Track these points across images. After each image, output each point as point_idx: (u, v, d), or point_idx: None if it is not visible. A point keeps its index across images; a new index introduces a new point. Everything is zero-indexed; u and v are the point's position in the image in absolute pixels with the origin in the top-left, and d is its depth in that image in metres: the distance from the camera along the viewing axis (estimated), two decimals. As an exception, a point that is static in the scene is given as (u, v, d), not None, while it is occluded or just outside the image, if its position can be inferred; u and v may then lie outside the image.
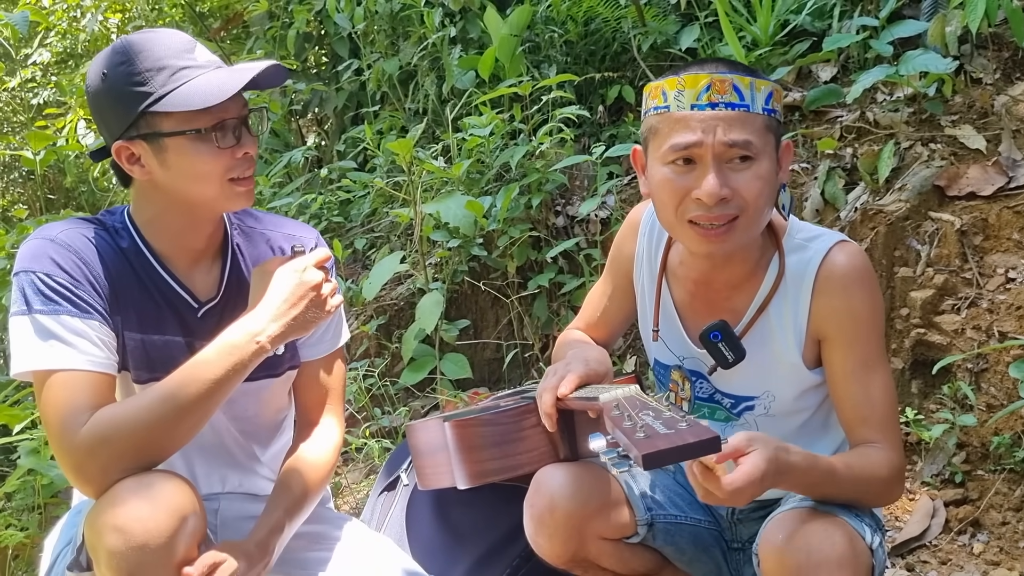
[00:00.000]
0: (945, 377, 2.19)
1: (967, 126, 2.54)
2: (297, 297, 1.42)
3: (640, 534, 1.56)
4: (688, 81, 1.34)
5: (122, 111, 1.39)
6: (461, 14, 3.91)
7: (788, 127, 2.84)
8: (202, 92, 1.35)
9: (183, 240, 1.50)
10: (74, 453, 1.29)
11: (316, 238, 1.65)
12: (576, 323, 1.80)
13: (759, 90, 1.34)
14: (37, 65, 6.27)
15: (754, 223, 1.38)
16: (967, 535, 2.00)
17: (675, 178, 1.36)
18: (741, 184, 1.33)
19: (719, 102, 1.32)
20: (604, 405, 1.20)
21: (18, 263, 1.40)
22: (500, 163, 3.23)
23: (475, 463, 1.60)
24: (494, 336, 3.24)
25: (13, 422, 2.48)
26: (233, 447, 1.62)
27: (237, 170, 1.42)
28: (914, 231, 2.41)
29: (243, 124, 1.43)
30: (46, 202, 5.96)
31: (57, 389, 1.32)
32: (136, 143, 1.40)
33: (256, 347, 1.38)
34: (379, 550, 1.66)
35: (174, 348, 1.48)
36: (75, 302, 1.37)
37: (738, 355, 1.47)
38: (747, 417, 1.54)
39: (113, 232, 1.47)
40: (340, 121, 4.68)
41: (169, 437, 1.33)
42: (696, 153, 1.34)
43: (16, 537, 2.47)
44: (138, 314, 1.46)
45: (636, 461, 0.99)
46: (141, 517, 1.24)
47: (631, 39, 3.36)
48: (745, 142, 1.33)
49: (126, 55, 1.38)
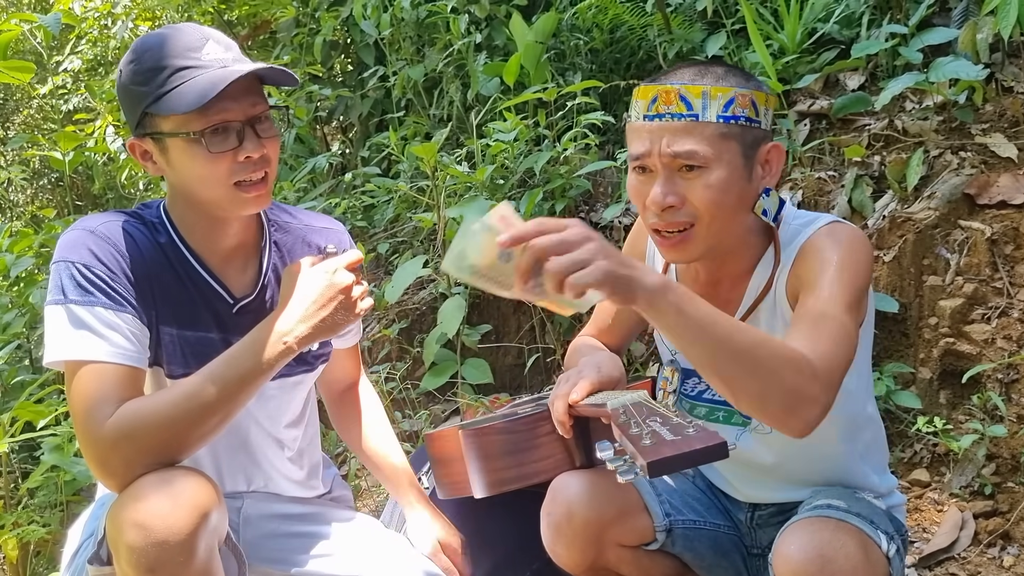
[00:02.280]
0: (975, 387, 2.16)
1: (998, 134, 2.50)
2: (327, 299, 1.41)
3: (659, 540, 1.54)
4: (640, 92, 1.38)
5: (130, 109, 1.41)
6: (487, 21, 3.92)
7: (815, 135, 2.81)
8: (190, 95, 1.33)
9: (213, 237, 1.50)
10: (98, 445, 1.30)
11: (345, 233, 1.67)
12: (588, 329, 1.78)
13: (714, 98, 1.33)
14: (68, 72, 6.36)
15: (713, 230, 1.36)
16: (997, 548, 1.96)
17: (637, 186, 1.39)
18: (690, 192, 1.33)
19: (665, 112, 1.34)
20: (612, 412, 1.18)
21: (57, 252, 1.40)
22: (524, 168, 3.22)
23: (491, 472, 1.58)
24: (516, 341, 3.23)
25: (37, 419, 2.50)
26: (261, 445, 1.62)
27: (241, 174, 1.39)
28: (943, 239, 2.37)
29: (251, 126, 1.39)
30: (74, 208, 6.03)
31: (86, 380, 1.33)
32: (145, 141, 1.41)
33: (284, 347, 1.38)
34: (399, 550, 1.65)
35: (208, 344, 1.48)
36: (110, 294, 1.37)
37: None
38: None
39: (151, 226, 1.47)
40: (365, 128, 4.70)
41: (194, 434, 1.33)
42: (647, 163, 1.36)
43: (38, 533, 2.49)
44: (174, 309, 1.46)
45: (642, 470, 0.96)
46: (162, 513, 1.23)
47: (657, 47, 3.35)
48: (688, 153, 1.32)
49: (135, 53, 1.39)
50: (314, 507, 1.71)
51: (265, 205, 1.46)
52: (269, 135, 1.41)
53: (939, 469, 2.17)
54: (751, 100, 1.35)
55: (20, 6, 7.41)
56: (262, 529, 1.62)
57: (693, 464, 0.98)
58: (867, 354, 1.51)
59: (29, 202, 7.62)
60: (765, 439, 1.49)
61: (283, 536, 1.64)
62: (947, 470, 2.16)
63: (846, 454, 1.48)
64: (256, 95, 1.41)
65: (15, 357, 3.42)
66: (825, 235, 1.39)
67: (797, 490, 1.51)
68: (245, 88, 1.37)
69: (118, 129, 5.14)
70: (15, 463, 2.97)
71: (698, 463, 0.98)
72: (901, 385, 2.28)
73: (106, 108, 5.28)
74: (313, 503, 1.73)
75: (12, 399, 3.01)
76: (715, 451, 0.97)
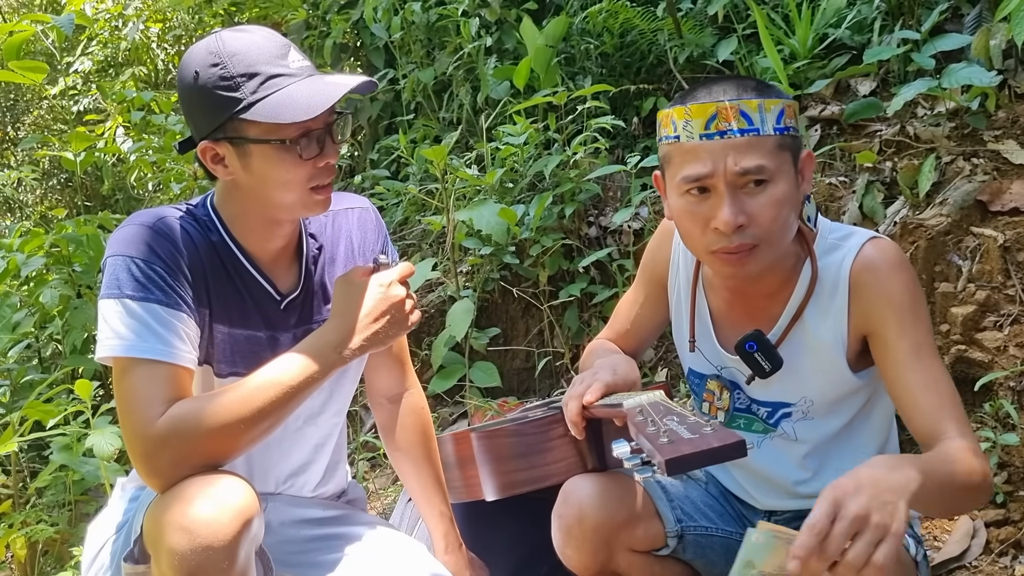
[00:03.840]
0: (987, 395, 2.14)
1: (1011, 141, 2.49)
2: (380, 312, 1.42)
3: (670, 546, 1.53)
4: (695, 111, 1.33)
5: (211, 113, 1.38)
6: (497, 25, 3.93)
7: (826, 140, 2.80)
8: (292, 105, 1.34)
9: (264, 238, 1.50)
10: (147, 444, 1.29)
11: (371, 207, 1.69)
12: (605, 333, 1.78)
13: (768, 111, 1.32)
14: (79, 73, 6.39)
15: (775, 246, 1.37)
16: (1008, 557, 1.95)
17: (692, 208, 1.36)
18: (757, 209, 1.32)
19: (727, 130, 1.31)
20: (628, 411, 1.18)
21: (113, 246, 1.40)
22: (534, 172, 3.23)
23: (503, 474, 1.58)
24: (524, 345, 3.23)
25: (46, 418, 2.51)
26: (297, 444, 1.62)
27: (318, 179, 1.42)
28: (955, 246, 2.36)
29: (328, 133, 1.42)
30: (84, 208, 6.05)
31: (137, 378, 1.33)
32: (222, 144, 1.40)
33: (337, 358, 1.39)
34: (410, 552, 1.65)
35: (256, 343, 1.49)
36: (168, 292, 1.37)
37: (775, 364, 1.45)
38: (784, 425, 1.51)
39: (203, 225, 1.48)
40: (374, 130, 4.71)
41: (242, 438, 1.33)
42: (709, 183, 1.33)
43: (46, 532, 2.49)
44: (226, 308, 1.47)
45: (660, 467, 0.97)
46: (208, 519, 1.22)
47: (667, 51, 3.35)
48: (758, 168, 1.31)
49: (219, 57, 1.37)
50: (334, 511, 1.71)
51: (329, 206, 1.48)
52: (340, 141, 1.46)
53: (950, 477, 2.15)
54: (793, 111, 1.37)
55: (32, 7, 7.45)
56: (283, 535, 1.62)
57: (711, 462, 0.98)
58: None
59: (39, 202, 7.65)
60: (788, 447, 1.50)
61: (303, 541, 1.64)
62: (958, 478, 2.15)
63: (868, 452, 1.48)
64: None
65: (25, 357, 3.42)
66: (878, 263, 1.39)
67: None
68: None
69: (128, 130, 5.16)
70: (24, 463, 2.98)
71: (716, 461, 0.98)
72: (912, 392, 2.27)
73: (116, 109, 5.30)
74: (333, 506, 1.73)
75: (22, 398, 3.01)
76: (733, 449, 0.97)
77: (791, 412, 1.49)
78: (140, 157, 4.67)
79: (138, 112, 4.67)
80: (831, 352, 1.43)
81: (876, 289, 1.38)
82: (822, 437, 1.42)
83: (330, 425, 1.67)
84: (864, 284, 1.39)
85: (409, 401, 1.78)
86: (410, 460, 1.77)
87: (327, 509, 1.71)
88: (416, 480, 1.78)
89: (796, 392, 1.48)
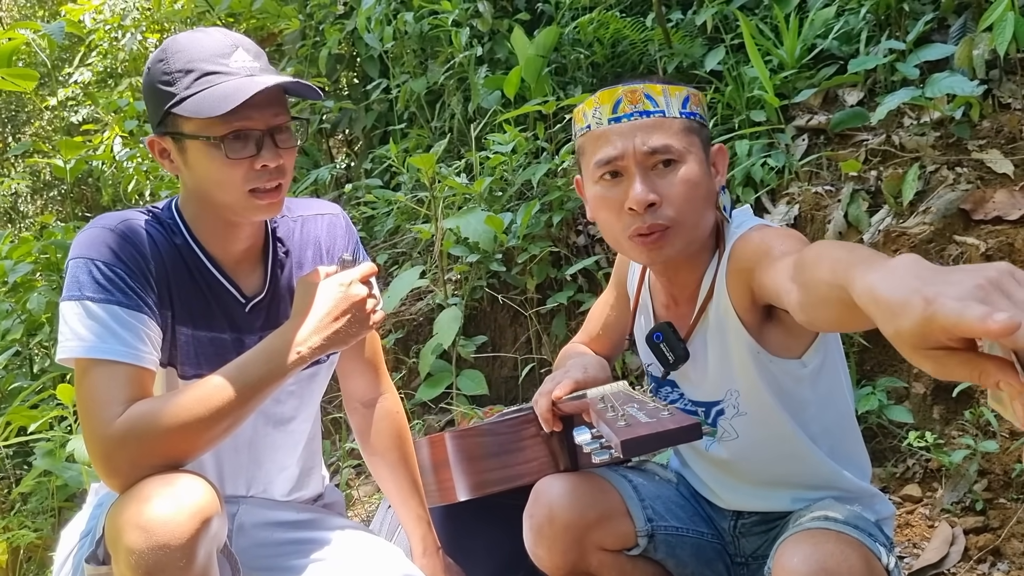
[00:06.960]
0: (967, 402, 2.14)
1: (994, 150, 2.50)
2: (340, 311, 1.42)
3: (641, 545, 1.53)
4: (602, 97, 1.39)
5: (153, 106, 1.42)
6: (489, 35, 3.95)
7: (813, 149, 2.81)
8: (214, 100, 1.34)
9: (225, 239, 1.50)
10: (105, 443, 1.29)
11: (342, 213, 1.69)
12: (579, 337, 1.79)
13: (673, 95, 1.38)
14: (77, 84, 6.42)
15: (688, 228, 1.37)
16: (987, 564, 1.94)
17: (606, 193, 1.39)
18: (667, 188, 1.35)
19: (633, 111, 1.36)
20: (591, 400, 1.21)
21: (75, 249, 1.40)
22: (522, 180, 3.24)
23: (475, 473, 1.59)
24: (512, 353, 3.23)
25: (30, 423, 2.51)
26: (267, 449, 1.61)
27: (255, 181, 1.40)
28: (938, 254, 2.36)
29: (270, 136, 1.40)
30: (84, 219, 6.07)
31: (97, 379, 1.32)
32: (165, 139, 1.43)
33: (296, 357, 1.38)
34: (384, 556, 1.64)
35: (221, 345, 1.49)
36: (128, 294, 1.37)
37: (678, 355, 1.47)
38: (722, 424, 1.49)
39: (167, 227, 1.48)
40: (368, 140, 4.73)
41: (202, 438, 1.32)
42: (620, 165, 1.37)
43: (28, 537, 2.49)
44: (190, 310, 1.47)
45: (616, 448, 0.98)
46: (164, 517, 1.22)
47: (657, 61, 3.36)
48: (665, 147, 1.35)
49: (165, 53, 1.41)
50: (308, 514, 1.71)
51: (276, 213, 1.47)
52: (287, 146, 1.43)
53: (931, 484, 2.15)
54: (699, 100, 1.41)
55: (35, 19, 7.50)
56: (255, 537, 1.61)
57: (667, 444, 0.98)
58: (840, 352, 1.50)
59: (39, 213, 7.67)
60: (732, 445, 1.49)
61: (276, 544, 1.63)
62: (939, 485, 2.14)
63: (815, 451, 1.45)
64: (279, 106, 1.42)
65: (13, 363, 3.43)
66: (749, 235, 1.40)
67: (778, 496, 1.49)
68: (269, 98, 1.38)
69: (126, 140, 5.18)
70: (9, 468, 2.98)
71: (671, 443, 0.99)
72: (894, 400, 2.27)
73: (113, 119, 5.33)
74: (307, 509, 1.72)
75: (9, 405, 3.02)
76: (688, 431, 0.98)
77: (723, 408, 1.48)
78: (136, 167, 4.69)
79: (131, 121, 4.69)
80: (738, 333, 1.41)
81: (744, 250, 1.38)
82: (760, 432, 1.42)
83: (300, 432, 1.66)
84: (735, 251, 1.40)
85: (384, 405, 1.77)
86: (386, 464, 1.77)
87: (301, 512, 1.70)
88: (393, 483, 1.77)
89: (722, 385, 1.46)
